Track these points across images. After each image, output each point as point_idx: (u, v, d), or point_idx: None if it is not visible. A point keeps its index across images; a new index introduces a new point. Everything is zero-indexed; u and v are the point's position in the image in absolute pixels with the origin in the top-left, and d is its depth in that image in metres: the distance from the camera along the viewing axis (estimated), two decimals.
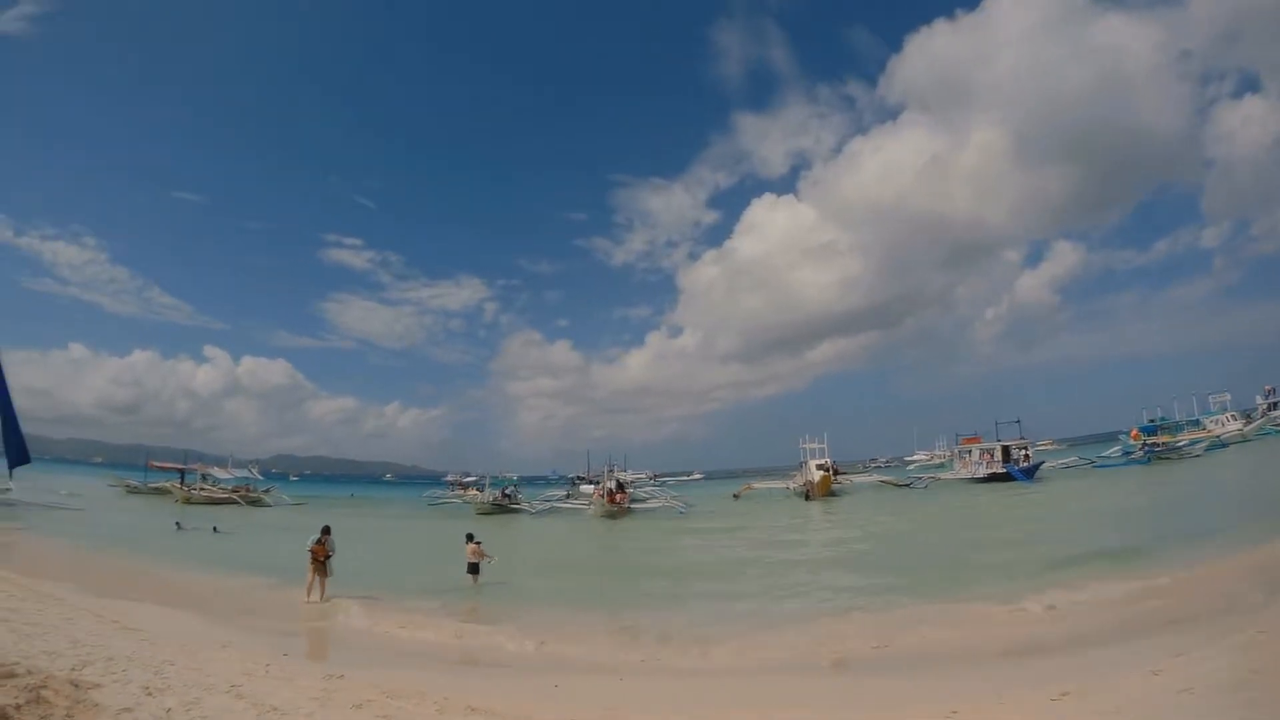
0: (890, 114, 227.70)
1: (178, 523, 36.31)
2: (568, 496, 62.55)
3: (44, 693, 6.84)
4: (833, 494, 55.86)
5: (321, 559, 17.41)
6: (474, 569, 20.73)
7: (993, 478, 56.58)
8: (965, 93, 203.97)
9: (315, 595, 17.15)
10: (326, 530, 17.86)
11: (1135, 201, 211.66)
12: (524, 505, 57.32)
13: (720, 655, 12.65)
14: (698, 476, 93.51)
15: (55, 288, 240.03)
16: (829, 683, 10.59)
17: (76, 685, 7.33)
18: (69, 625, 10.91)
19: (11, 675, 7.15)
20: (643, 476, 67.67)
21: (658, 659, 12.45)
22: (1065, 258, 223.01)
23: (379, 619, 15.91)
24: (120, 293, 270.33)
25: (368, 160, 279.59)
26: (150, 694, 7.55)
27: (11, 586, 13.28)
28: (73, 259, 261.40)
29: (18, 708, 6.34)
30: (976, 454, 62.10)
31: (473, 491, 69.48)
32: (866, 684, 10.38)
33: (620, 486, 53.40)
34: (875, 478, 71.52)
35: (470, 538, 21.56)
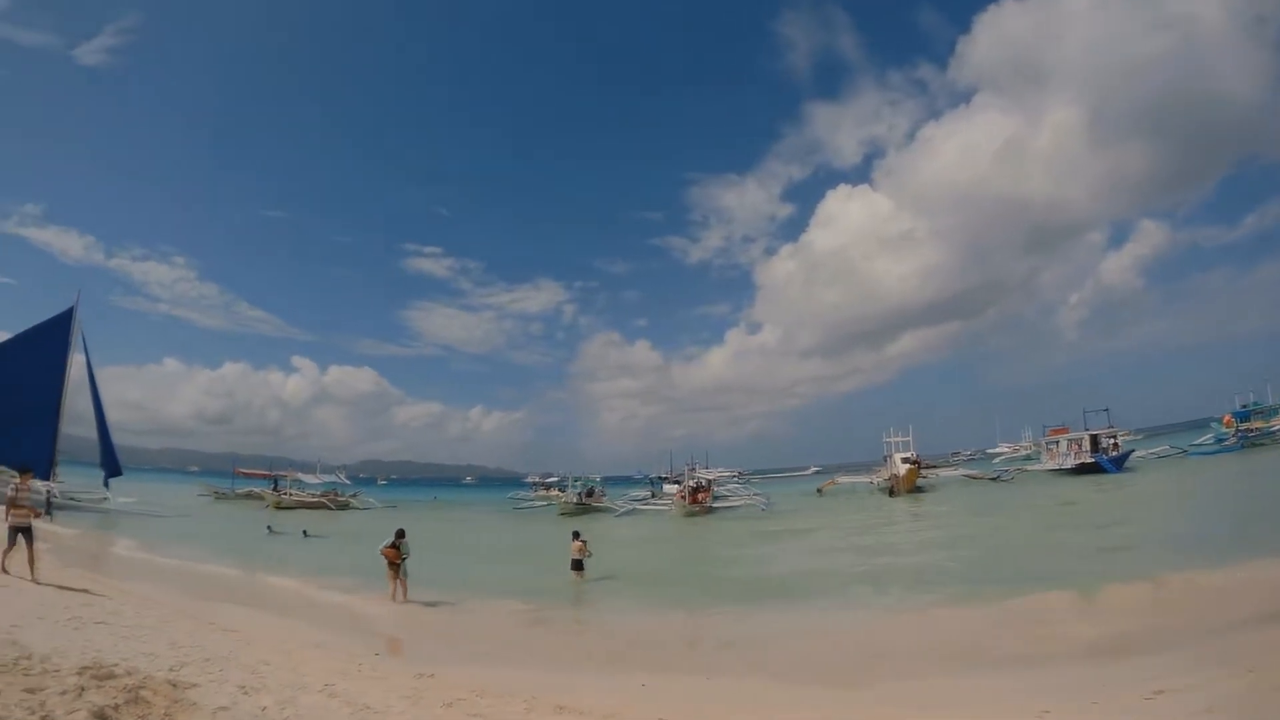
0: (962, 97, 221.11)
1: (269, 527, 37.41)
2: (652, 496, 62.45)
3: (143, 693, 6.93)
4: (918, 489, 54.48)
5: (396, 562, 17.47)
6: (578, 565, 21.24)
7: (1081, 469, 54.64)
8: (1037, 71, 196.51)
9: (399, 597, 17.26)
10: (400, 534, 17.94)
11: (1220, 175, 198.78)
12: (607, 505, 57.40)
13: (807, 655, 12.35)
14: (813, 470, 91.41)
15: (147, 305, 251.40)
16: (919, 683, 10.15)
17: (175, 685, 7.43)
18: (167, 628, 11.15)
19: (111, 676, 7.28)
20: (728, 474, 67.05)
21: (742, 658, 12.17)
22: (1149, 237, 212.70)
23: (468, 618, 16.02)
24: (210, 308, 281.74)
25: (444, 170, 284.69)
26: (246, 693, 7.63)
27: (110, 591, 13.69)
28: (163, 277, 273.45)
29: (116, 708, 6.42)
30: (1064, 445, 60.29)
31: (554, 492, 69.99)
32: (957, 684, 9.98)
33: (702, 485, 53.16)
34: (960, 471, 69.43)
35: (576, 535, 22.16)
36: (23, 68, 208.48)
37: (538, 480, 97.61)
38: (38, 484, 35.76)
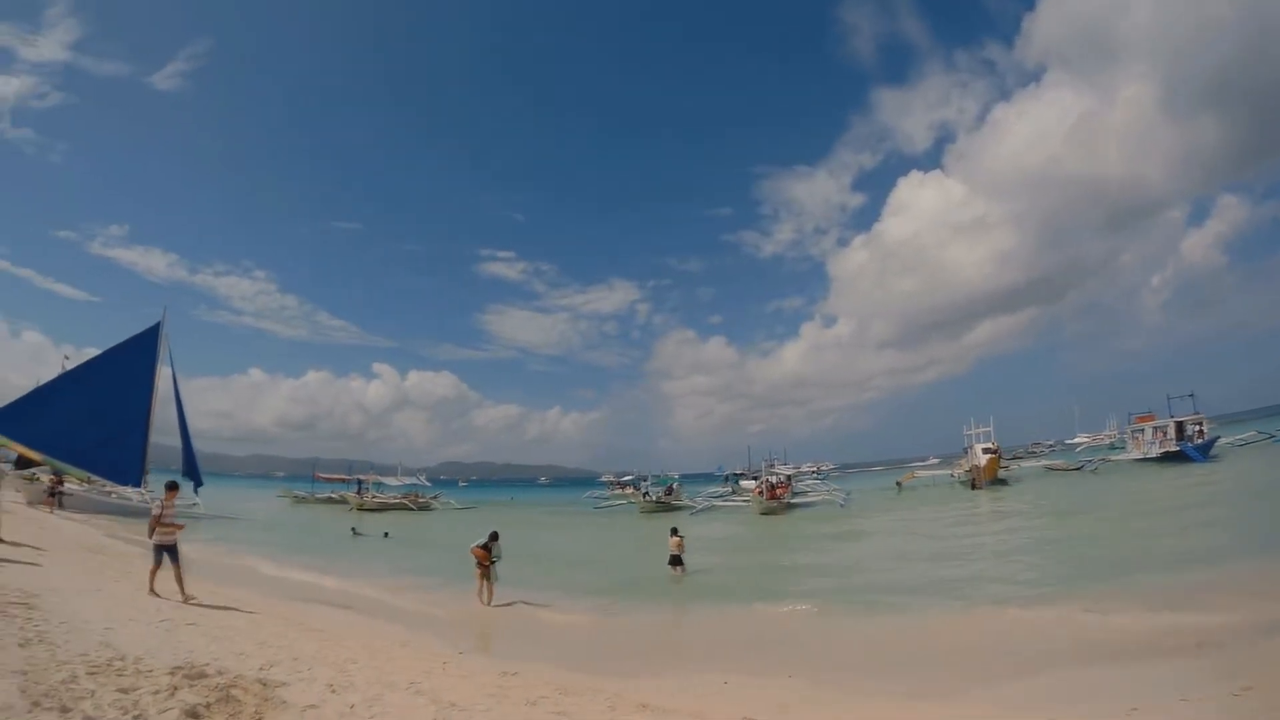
0: (1032, 76, 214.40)
1: (354, 529, 38.23)
2: (732, 493, 62.27)
3: (233, 692, 7.05)
4: (999, 481, 53.29)
5: (486, 563, 17.28)
6: (677, 561, 21.64)
7: (1166, 457, 52.74)
8: (1107, 45, 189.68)
9: (485, 599, 17.10)
10: (494, 536, 17.69)
11: None
12: (686, 503, 57.39)
13: (891, 655, 12.06)
14: (933, 461, 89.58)
15: (231, 319, 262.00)
16: (1005, 681, 9.83)
17: (264, 684, 7.54)
18: (256, 628, 11.38)
19: (202, 676, 7.41)
20: (810, 468, 66.56)
21: (825, 658, 11.93)
22: (1230, 212, 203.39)
23: (551, 617, 16.06)
24: (291, 319, 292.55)
25: (515, 175, 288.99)
26: (334, 691, 7.73)
27: (201, 593, 14.00)
28: (245, 291, 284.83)
29: (208, 706, 6.52)
30: (1149, 433, 58.04)
31: (629, 490, 70.27)
32: (1043, 683, 9.64)
33: (780, 481, 52.80)
34: (1042, 462, 67.59)
35: (674, 531, 22.66)
36: (101, 96, 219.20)
37: (613, 479, 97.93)
38: (128, 491, 37.36)
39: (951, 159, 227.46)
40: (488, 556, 17.27)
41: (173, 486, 14.26)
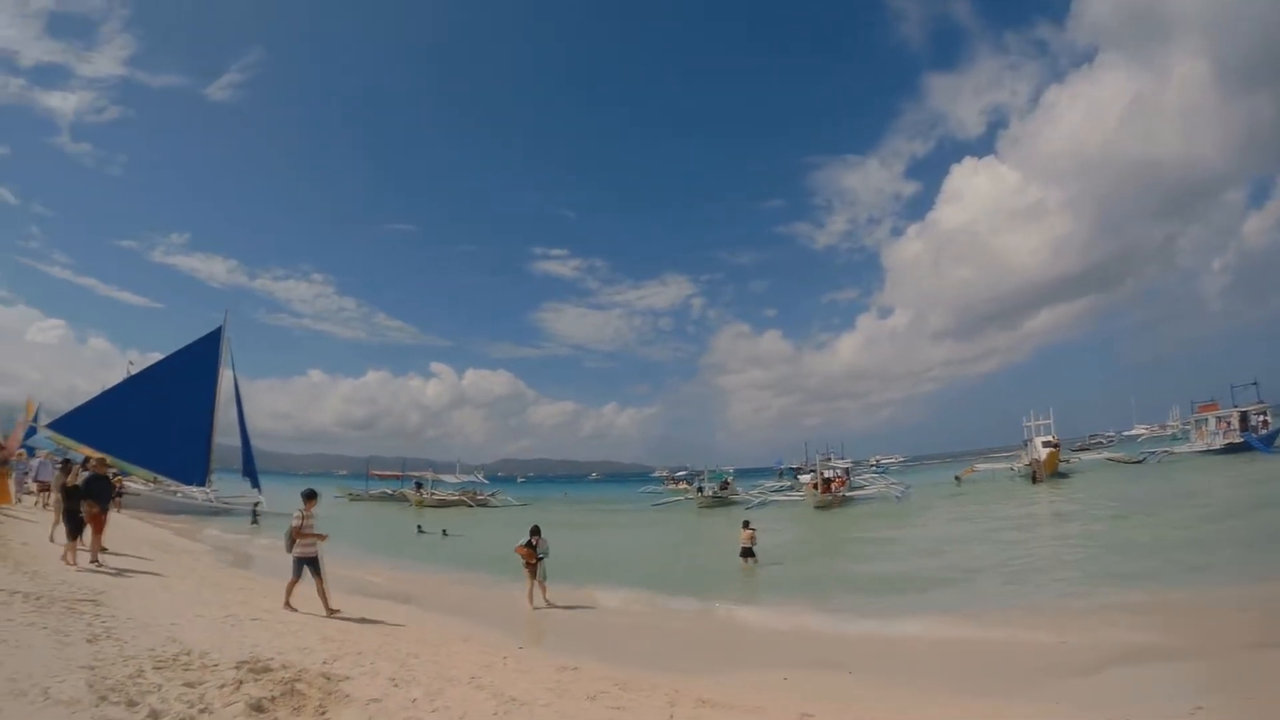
0: (1084, 56, 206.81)
1: (419, 527, 38.66)
2: (790, 487, 61.91)
3: (298, 685, 7.11)
4: (1060, 474, 51.78)
5: (531, 562, 16.28)
6: (749, 553, 21.78)
7: (1229, 449, 51.12)
8: (1159, 22, 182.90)
9: (539, 599, 16.13)
10: (536, 531, 16.67)
11: None
12: (741, 497, 57.15)
13: (944, 651, 11.80)
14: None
15: (291, 321, 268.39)
16: (1065, 679, 9.52)
17: (328, 678, 7.59)
18: (319, 623, 11.54)
19: (267, 670, 7.47)
20: (881, 460, 66.15)
21: (885, 656, 11.66)
22: None
23: (609, 612, 16.01)
24: (349, 320, 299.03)
25: (565, 173, 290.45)
26: (396, 685, 7.76)
27: (264, 589, 14.22)
28: (304, 294, 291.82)
29: (273, 700, 6.56)
30: (1213, 423, 56.13)
31: (683, 485, 70.06)
32: (1104, 678, 9.40)
33: (836, 475, 52.30)
34: (1104, 455, 65.79)
35: (746, 524, 22.81)
36: (158, 109, 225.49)
37: (667, 474, 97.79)
38: (193, 490, 38.28)
39: (1005, 144, 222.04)
40: (533, 554, 16.33)
41: (311, 495, 13.57)
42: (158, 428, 34.43)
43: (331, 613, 12.46)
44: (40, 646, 7.37)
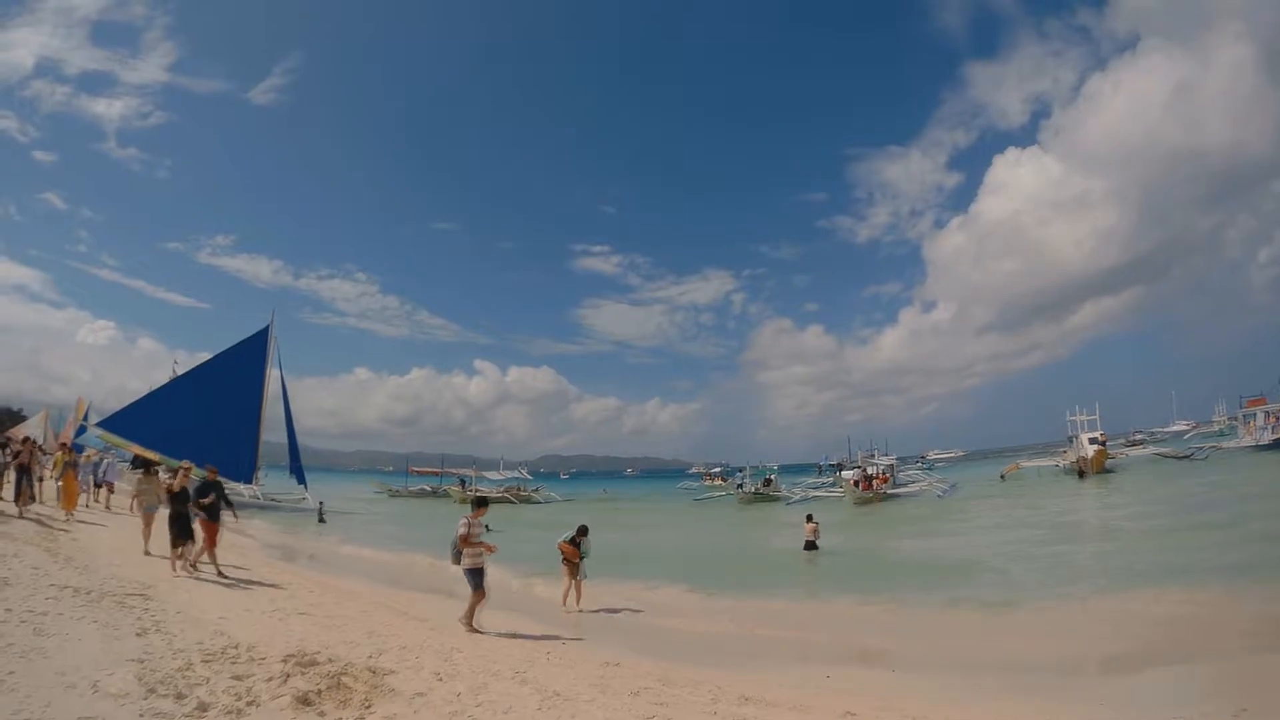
0: (1127, 44, 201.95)
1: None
2: (833, 483, 61.66)
3: (344, 679, 7.13)
4: (1107, 470, 50.83)
5: (575, 560, 15.55)
6: (812, 545, 22.77)
7: (1278, 444, 49.61)
8: (1201, 7, 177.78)
9: (572, 602, 15.43)
10: (583, 531, 15.86)
11: None
12: (782, 494, 57.00)
13: (996, 650, 11.52)
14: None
15: (335, 320, 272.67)
16: (1108, 679, 9.48)
17: (374, 672, 7.63)
18: (365, 617, 11.61)
19: (314, 664, 7.51)
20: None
21: (927, 653, 11.48)
22: None
23: (651, 608, 15.92)
24: (393, 319, 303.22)
25: (606, 169, 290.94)
26: (441, 679, 7.78)
27: (311, 584, 14.40)
28: (348, 293, 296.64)
29: (319, 693, 6.59)
30: (1261, 417, 54.62)
31: (719, 480, 69.92)
32: (1147, 678, 9.32)
33: (880, 472, 51.97)
34: (1150, 450, 64.45)
35: (810, 518, 23.70)
36: (202, 114, 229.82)
37: (703, 470, 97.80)
38: (240, 487, 38.80)
39: (1048, 134, 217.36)
40: (577, 553, 15.64)
41: (481, 503, 12.60)
42: (205, 426, 35.00)
43: (474, 629, 11.62)
44: (90, 640, 7.50)
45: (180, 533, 13.69)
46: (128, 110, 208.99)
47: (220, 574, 13.96)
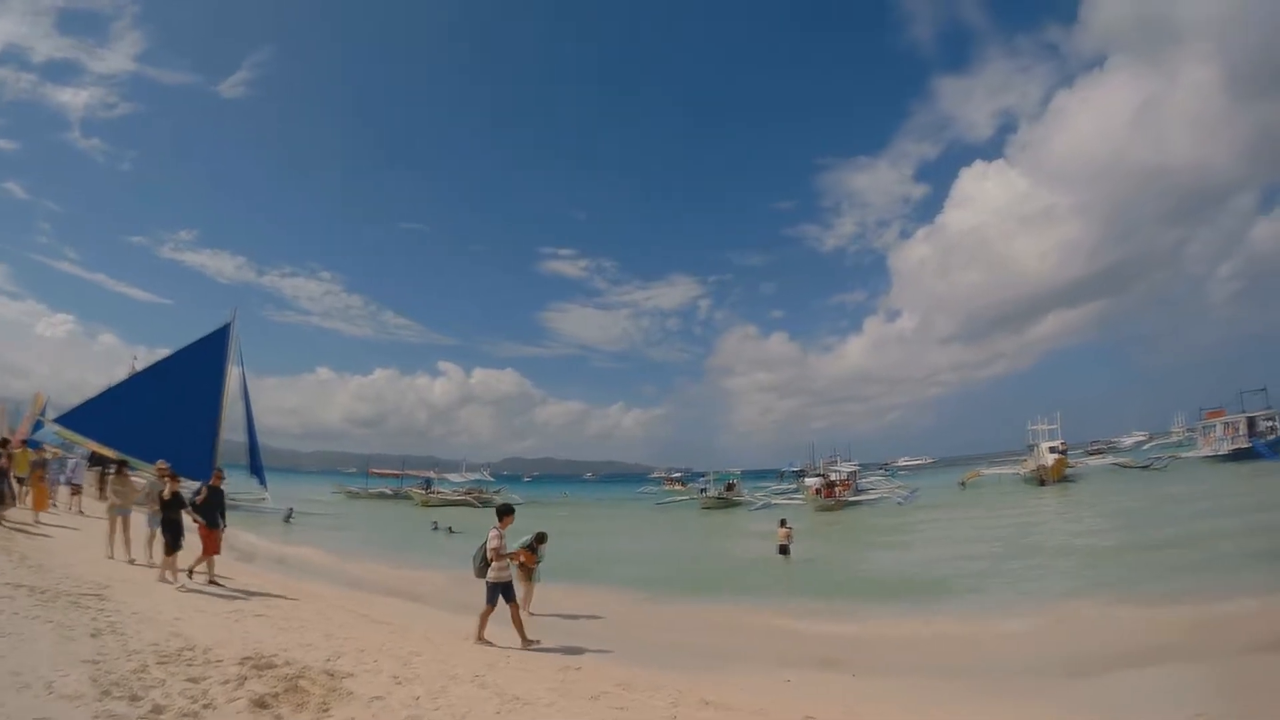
0: (1095, 62, 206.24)
1: (436, 523, 38.86)
2: (796, 490, 62.18)
3: (301, 682, 7.11)
4: (1066, 479, 51.95)
5: (531, 565, 15.19)
6: (784, 550, 22.87)
7: (1236, 455, 51.28)
8: (1168, 27, 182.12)
9: (526, 606, 14.62)
10: (541, 538, 15.54)
11: None
12: (745, 499, 57.36)
13: (955, 655, 11.75)
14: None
15: (298, 318, 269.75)
16: (1067, 683, 9.65)
17: (331, 675, 7.60)
18: (323, 620, 11.54)
19: (271, 666, 7.48)
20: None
21: (887, 658, 11.68)
22: None
23: (612, 611, 15.98)
24: (357, 318, 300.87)
25: (576, 172, 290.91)
26: (399, 683, 7.77)
27: (268, 584, 14.24)
28: (312, 292, 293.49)
29: (276, 696, 6.57)
30: (1220, 429, 56.26)
31: (679, 485, 70.30)
32: (1106, 682, 9.50)
33: (842, 478, 52.48)
34: (1109, 460, 66.01)
35: (783, 522, 23.87)
36: (168, 106, 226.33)
37: (664, 475, 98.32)
38: (198, 486, 38.19)
39: (1014, 148, 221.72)
40: (534, 559, 15.33)
41: (507, 511, 11.93)
42: (164, 423, 34.35)
43: (527, 644, 11.17)
44: (44, 640, 7.38)
45: (174, 540, 13.19)
46: (93, 100, 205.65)
47: (213, 582, 13.48)
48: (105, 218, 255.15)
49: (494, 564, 11.25)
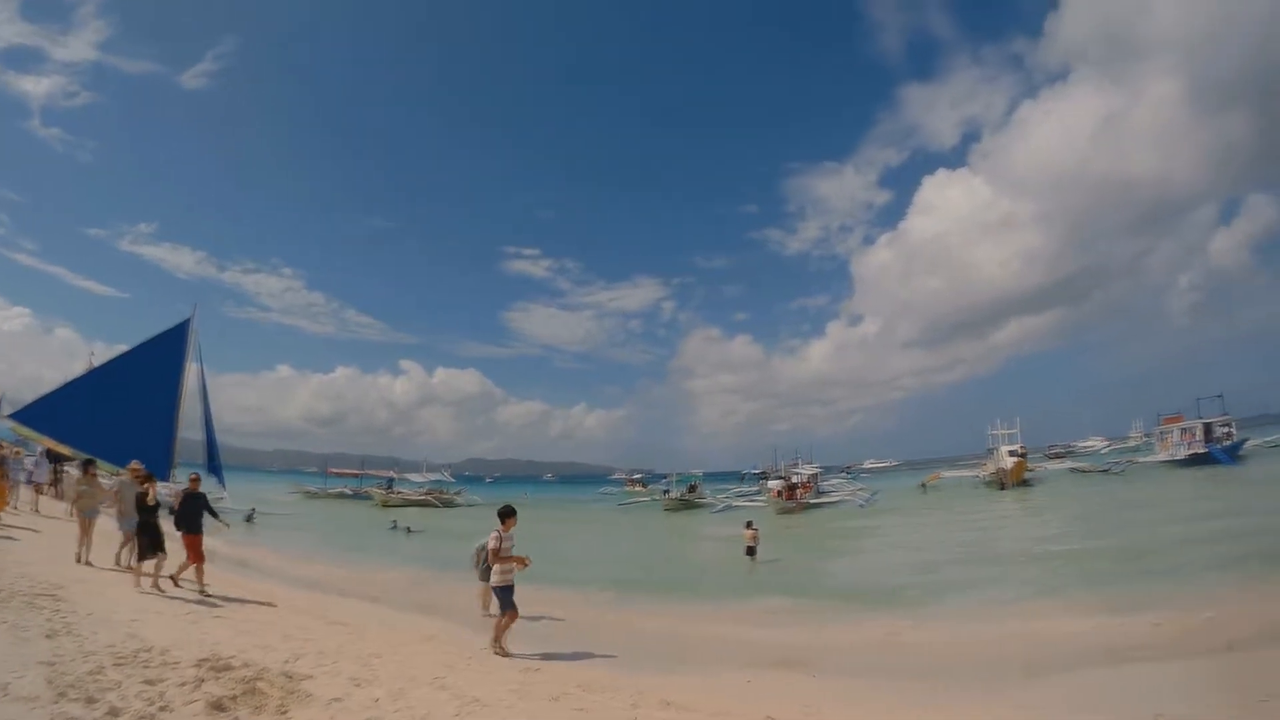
0: (1059, 74, 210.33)
1: (396, 522, 39.13)
2: (758, 492, 62.63)
3: (259, 684, 7.11)
4: (1025, 483, 52.93)
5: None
6: (751, 551, 22.82)
7: (1193, 460, 52.40)
8: (1132, 42, 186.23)
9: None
10: None
11: None
12: (707, 501, 57.67)
13: (915, 657, 11.93)
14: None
15: (259, 315, 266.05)
16: (1026, 684, 9.81)
17: (289, 677, 7.59)
18: (282, 621, 11.48)
19: (228, 668, 7.46)
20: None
21: (847, 658, 11.86)
22: (1260, 213, 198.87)
23: (573, 612, 16.03)
24: (318, 315, 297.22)
25: (541, 172, 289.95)
26: (358, 685, 7.77)
27: (226, 586, 14.10)
28: (273, 288, 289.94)
29: (234, 699, 6.57)
30: (1177, 434, 57.51)
31: (640, 486, 70.60)
32: (1064, 682, 9.67)
33: (803, 480, 52.88)
34: (1068, 464, 67.46)
35: (749, 524, 23.88)
36: (130, 96, 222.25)
37: (625, 476, 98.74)
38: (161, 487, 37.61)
39: (977, 157, 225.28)
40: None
41: (509, 513, 11.36)
42: (122, 420, 33.81)
43: (504, 652, 10.89)
44: None
45: (151, 545, 12.70)
46: (54, 88, 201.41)
47: (204, 594, 12.90)
48: (64, 209, 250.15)
49: (496, 567, 10.96)
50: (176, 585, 13.03)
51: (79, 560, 14.51)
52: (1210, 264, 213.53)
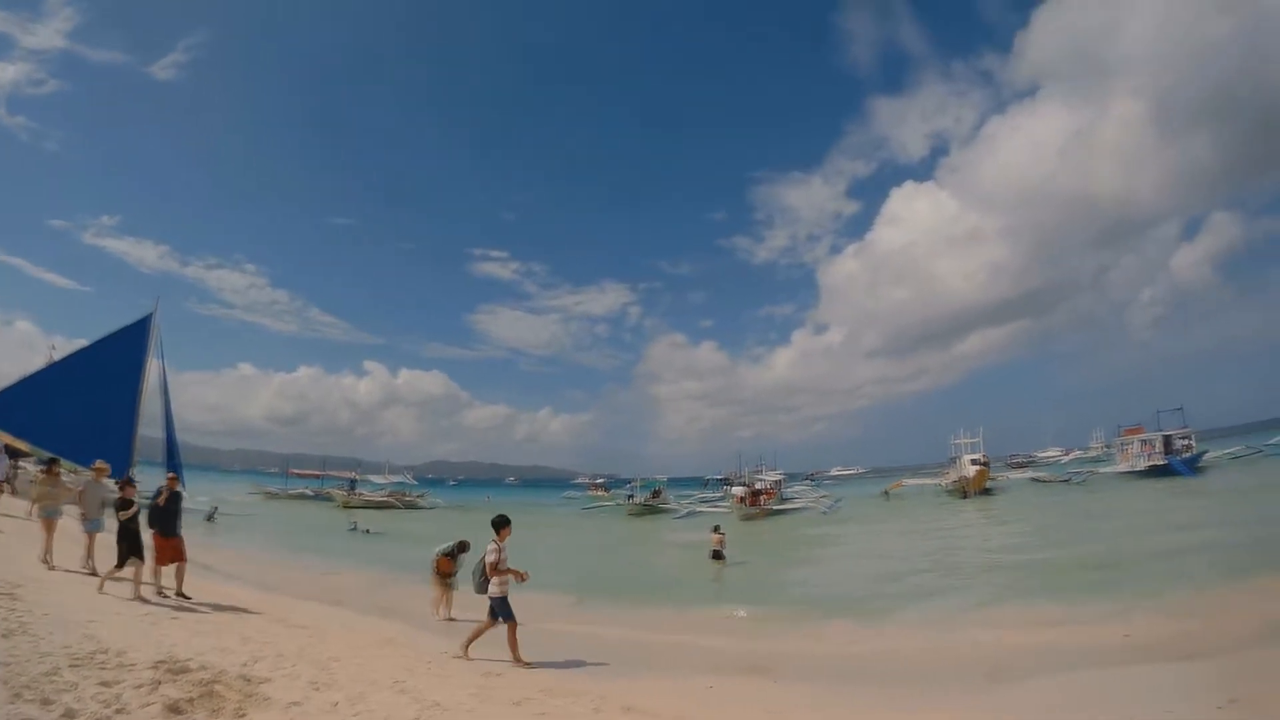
0: (1027, 91, 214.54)
1: (355, 524, 39.17)
2: (722, 497, 63.00)
3: (216, 687, 7.09)
4: (987, 491, 53.79)
5: (447, 574, 15.42)
6: (718, 555, 23.22)
7: (1152, 471, 53.46)
8: (1099, 62, 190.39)
9: (444, 612, 15.26)
10: (463, 547, 15.68)
11: None
12: (671, 506, 57.89)
13: (878, 662, 12.07)
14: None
15: (222, 312, 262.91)
16: (994, 689, 9.88)
17: (247, 680, 7.58)
18: (240, 623, 11.41)
19: (185, 670, 7.43)
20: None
21: (810, 664, 11.95)
22: (1223, 230, 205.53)
23: (536, 617, 16.03)
24: (282, 314, 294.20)
25: (509, 174, 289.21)
26: (318, 689, 7.76)
27: (186, 587, 13.93)
28: (236, 284, 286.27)
29: (191, 701, 6.55)
30: (1137, 446, 58.89)
31: (603, 491, 70.81)
32: (1035, 687, 9.73)
33: (767, 487, 53.29)
34: (1028, 474, 68.66)
35: (716, 528, 24.26)
36: (98, 85, 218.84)
37: (589, 480, 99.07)
38: (113, 483, 37.11)
39: (945, 170, 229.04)
40: (451, 567, 15.48)
41: (504, 523, 11.32)
42: (82, 417, 33.30)
43: (525, 664, 10.86)
44: None
45: (130, 549, 12.41)
46: (20, 76, 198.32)
47: (181, 595, 12.84)
48: (26, 199, 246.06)
49: (493, 579, 11.02)
50: (163, 595, 12.81)
51: (44, 562, 14.18)
52: (1173, 279, 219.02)
